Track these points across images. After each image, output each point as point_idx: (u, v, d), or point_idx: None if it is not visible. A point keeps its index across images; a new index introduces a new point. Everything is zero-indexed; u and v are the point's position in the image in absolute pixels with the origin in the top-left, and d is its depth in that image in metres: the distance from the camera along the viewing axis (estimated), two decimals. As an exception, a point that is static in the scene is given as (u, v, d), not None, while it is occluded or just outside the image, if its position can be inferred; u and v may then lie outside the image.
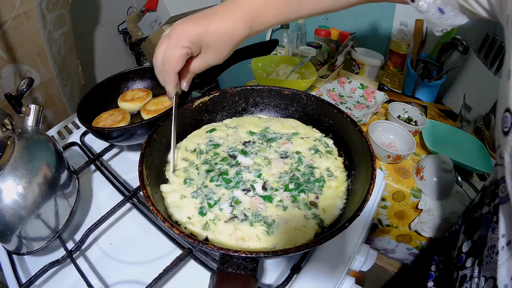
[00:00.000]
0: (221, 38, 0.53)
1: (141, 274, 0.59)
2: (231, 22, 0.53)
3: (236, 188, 0.61)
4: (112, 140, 0.73)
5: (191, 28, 0.52)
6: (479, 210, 0.62)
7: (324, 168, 0.65)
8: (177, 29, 0.53)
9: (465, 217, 0.69)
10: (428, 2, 0.50)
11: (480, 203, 0.62)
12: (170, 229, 0.47)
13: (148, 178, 0.57)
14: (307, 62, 1.31)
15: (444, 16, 0.50)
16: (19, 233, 0.55)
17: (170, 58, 0.53)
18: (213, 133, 0.73)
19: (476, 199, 0.66)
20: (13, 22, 1.12)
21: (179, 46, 0.52)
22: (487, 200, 0.58)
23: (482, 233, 0.56)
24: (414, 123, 1.20)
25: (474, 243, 0.59)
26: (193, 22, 0.53)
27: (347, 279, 0.60)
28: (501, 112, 0.36)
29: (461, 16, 0.50)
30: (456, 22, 0.51)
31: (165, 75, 0.56)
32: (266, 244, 0.52)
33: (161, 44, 0.54)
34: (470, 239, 0.61)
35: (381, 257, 1.29)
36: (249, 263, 0.45)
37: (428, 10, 0.50)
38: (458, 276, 0.59)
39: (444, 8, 0.50)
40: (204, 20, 0.53)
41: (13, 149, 0.57)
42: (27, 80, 0.66)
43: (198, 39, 0.52)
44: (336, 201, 0.58)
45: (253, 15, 0.54)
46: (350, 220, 0.46)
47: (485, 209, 0.57)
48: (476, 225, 0.60)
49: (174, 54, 0.52)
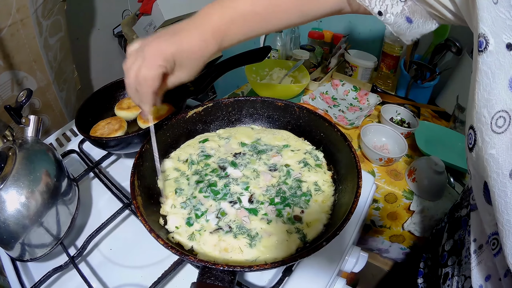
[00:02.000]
0: (194, 55, 0.54)
1: (141, 278, 0.61)
2: (201, 39, 0.53)
3: (223, 200, 0.62)
4: (110, 148, 0.75)
5: (166, 46, 0.51)
6: (459, 210, 0.64)
7: (312, 182, 0.65)
8: (152, 47, 0.52)
9: (448, 216, 0.71)
10: (395, 13, 0.50)
11: (461, 204, 0.64)
12: (156, 239, 0.49)
13: (139, 188, 0.58)
14: (300, 65, 1.33)
15: (412, 25, 0.51)
16: (22, 241, 0.57)
17: (148, 78, 0.51)
18: (206, 143, 0.74)
19: (458, 199, 0.68)
20: (10, 29, 1.13)
21: (155, 65, 0.51)
22: (465, 203, 0.60)
23: (461, 234, 0.58)
24: (406, 125, 1.22)
25: (455, 242, 0.61)
26: (167, 39, 0.52)
27: (338, 280, 0.61)
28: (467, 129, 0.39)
29: (430, 22, 0.51)
30: (426, 29, 0.51)
31: (141, 95, 0.54)
32: (248, 256, 0.54)
33: (132, 63, 0.52)
34: (452, 238, 0.63)
35: (376, 257, 1.31)
36: (227, 276, 0.47)
37: (395, 22, 0.51)
38: (442, 273, 0.62)
39: (412, 17, 0.50)
40: (176, 38, 0.52)
41: (15, 160, 0.59)
42: (25, 92, 0.68)
43: (172, 57, 0.52)
44: (321, 216, 0.59)
45: (221, 30, 0.54)
46: (328, 239, 0.47)
47: (463, 211, 0.60)
48: (457, 225, 0.63)
49: (151, 74, 0.51)
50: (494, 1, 0.33)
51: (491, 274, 0.42)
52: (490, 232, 0.39)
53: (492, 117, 0.34)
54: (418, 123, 1.17)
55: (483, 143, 0.35)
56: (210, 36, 0.54)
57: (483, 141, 0.35)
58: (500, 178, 0.33)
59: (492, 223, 0.38)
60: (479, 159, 0.36)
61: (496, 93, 0.33)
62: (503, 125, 0.33)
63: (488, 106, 0.34)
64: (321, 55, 1.56)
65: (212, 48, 0.54)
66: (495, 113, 0.33)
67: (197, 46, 0.53)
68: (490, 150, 0.34)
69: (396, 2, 0.50)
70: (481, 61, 0.34)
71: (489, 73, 0.34)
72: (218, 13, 0.54)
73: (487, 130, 0.34)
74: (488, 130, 0.34)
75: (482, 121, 0.35)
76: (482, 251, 0.44)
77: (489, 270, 0.42)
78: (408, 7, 0.50)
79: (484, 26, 0.34)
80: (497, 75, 0.33)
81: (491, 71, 0.34)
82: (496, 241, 0.38)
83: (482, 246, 0.44)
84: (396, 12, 0.50)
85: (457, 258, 0.58)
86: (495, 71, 0.33)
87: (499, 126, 0.33)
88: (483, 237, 0.44)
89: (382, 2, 0.50)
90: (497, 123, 0.33)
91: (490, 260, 0.42)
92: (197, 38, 0.53)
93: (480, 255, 0.44)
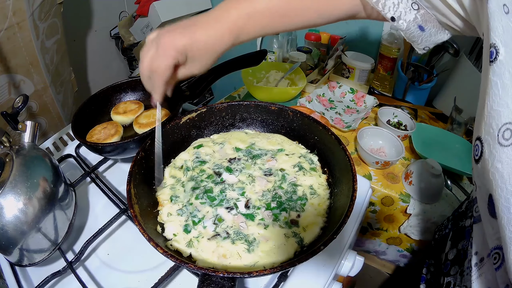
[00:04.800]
0: (207, 48, 0.54)
1: (139, 283, 0.61)
2: (217, 33, 0.54)
3: (220, 206, 0.62)
4: (106, 154, 0.75)
5: (179, 38, 0.53)
6: (464, 220, 0.64)
7: (307, 185, 0.66)
8: (166, 38, 0.53)
9: (453, 223, 0.71)
10: (408, 20, 0.51)
11: (465, 213, 0.64)
12: (155, 248, 0.49)
13: (136, 197, 0.58)
14: (297, 68, 1.33)
15: (424, 34, 0.51)
16: (21, 247, 0.58)
17: (159, 67, 0.53)
18: (200, 149, 0.74)
19: (463, 207, 0.68)
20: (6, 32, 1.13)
21: (167, 55, 0.52)
22: (469, 213, 0.60)
23: (465, 245, 0.58)
24: (403, 127, 1.22)
25: (458, 252, 0.61)
26: (181, 32, 0.53)
27: (334, 284, 0.62)
28: (473, 140, 0.38)
29: (442, 32, 0.51)
30: (438, 38, 0.52)
31: (153, 83, 0.57)
32: (247, 262, 0.54)
33: (147, 51, 0.54)
34: (455, 247, 0.62)
35: (373, 259, 1.31)
36: (227, 282, 0.47)
37: (408, 28, 0.51)
38: (444, 282, 0.61)
39: (425, 25, 0.51)
40: (191, 30, 0.53)
41: (12, 166, 0.59)
42: (22, 98, 0.68)
43: (184, 48, 0.53)
44: (317, 219, 0.60)
45: (238, 25, 0.54)
46: (325, 243, 0.48)
47: (468, 222, 0.59)
48: (460, 235, 0.62)
49: (162, 63, 0.53)
50: (506, 11, 0.33)
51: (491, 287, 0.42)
52: (492, 246, 0.38)
53: (499, 129, 0.33)
54: (415, 125, 1.17)
55: (490, 156, 0.34)
56: (226, 30, 0.54)
57: (490, 154, 0.34)
58: (504, 193, 0.32)
59: (494, 237, 0.37)
60: (485, 171, 0.35)
61: (504, 105, 0.33)
62: (509, 137, 0.32)
63: (496, 118, 0.33)
64: (318, 57, 1.57)
65: (227, 42, 0.55)
66: (502, 125, 0.33)
67: (211, 40, 0.54)
68: (496, 163, 0.33)
69: (409, 10, 0.50)
70: (491, 72, 0.34)
71: (498, 83, 0.33)
72: (236, 8, 0.54)
73: (494, 143, 0.33)
74: (495, 143, 0.33)
75: (490, 133, 0.34)
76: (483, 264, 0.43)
77: (489, 283, 0.42)
78: (421, 16, 0.50)
79: (495, 36, 0.34)
80: (506, 86, 0.33)
81: (500, 82, 0.33)
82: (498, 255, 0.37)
83: (483, 259, 0.43)
84: (408, 20, 0.50)
85: (459, 268, 0.57)
86: (505, 82, 0.33)
87: (506, 139, 0.32)
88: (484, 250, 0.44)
89: (395, 8, 0.50)
90: (504, 136, 0.32)
91: (490, 274, 0.42)
92: (212, 31, 0.53)
93: (481, 268, 0.43)
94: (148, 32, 1.92)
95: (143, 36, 1.99)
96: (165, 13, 1.79)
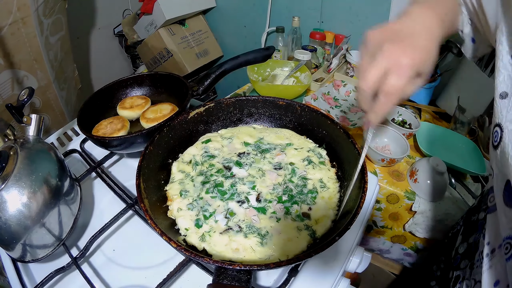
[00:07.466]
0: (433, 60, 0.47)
1: (145, 279, 0.60)
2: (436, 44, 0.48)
3: (231, 200, 0.62)
4: (112, 148, 0.74)
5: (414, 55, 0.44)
6: (476, 214, 0.64)
7: (317, 179, 0.66)
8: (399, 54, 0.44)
9: (465, 219, 0.71)
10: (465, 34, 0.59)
11: (478, 207, 0.64)
12: (168, 242, 0.48)
13: (145, 191, 0.58)
14: (302, 66, 1.33)
15: (474, 45, 0.59)
16: (24, 242, 0.57)
17: (396, 88, 0.44)
18: (209, 144, 0.74)
19: (475, 203, 0.68)
20: (10, 28, 1.13)
21: (405, 76, 0.44)
22: (483, 206, 0.60)
23: (476, 237, 0.58)
24: (408, 126, 1.22)
25: (469, 245, 0.61)
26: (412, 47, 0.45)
27: (342, 280, 0.61)
28: (492, 126, 0.39)
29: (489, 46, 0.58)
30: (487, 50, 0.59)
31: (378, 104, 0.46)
32: (260, 255, 0.54)
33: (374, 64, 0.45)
34: (466, 241, 0.63)
35: (377, 258, 1.31)
36: (243, 275, 0.46)
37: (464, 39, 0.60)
38: (453, 275, 0.62)
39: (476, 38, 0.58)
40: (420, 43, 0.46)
41: (16, 159, 0.58)
42: (27, 90, 0.67)
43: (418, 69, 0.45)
44: (328, 212, 0.60)
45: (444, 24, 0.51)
46: (340, 233, 0.48)
47: (481, 215, 0.60)
48: (472, 229, 0.63)
49: (400, 84, 0.44)
50: None
51: (500, 279, 0.42)
52: (505, 235, 0.38)
53: None
54: (420, 124, 1.17)
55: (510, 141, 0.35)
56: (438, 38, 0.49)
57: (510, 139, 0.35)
58: None
59: (508, 226, 0.37)
60: (504, 156, 0.36)
61: None
62: None
63: None
64: (322, 55, 1.56)
65: None
66: None
67: (435, 50, 0.48)
68: None
69: (466, 24, 0.57)
70: None
71: None
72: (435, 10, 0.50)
73: None
74: None
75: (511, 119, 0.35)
76: (494, 255, 0.43)
77: (498, 275, 0.42)
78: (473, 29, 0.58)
79: None
80: None
81: None
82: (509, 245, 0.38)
83: (495, 251, 0.44)
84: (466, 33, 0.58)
85: (469, 261, 0.58)
86: None
87: None
88: (497, 241, 0.44)
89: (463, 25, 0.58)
90: None
91: (500, 265, 0.42)
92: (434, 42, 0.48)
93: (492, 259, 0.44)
94: (152, 30, 1.91)
95: (147, 34, 1.98)
96: (170, 11, 1.79)
